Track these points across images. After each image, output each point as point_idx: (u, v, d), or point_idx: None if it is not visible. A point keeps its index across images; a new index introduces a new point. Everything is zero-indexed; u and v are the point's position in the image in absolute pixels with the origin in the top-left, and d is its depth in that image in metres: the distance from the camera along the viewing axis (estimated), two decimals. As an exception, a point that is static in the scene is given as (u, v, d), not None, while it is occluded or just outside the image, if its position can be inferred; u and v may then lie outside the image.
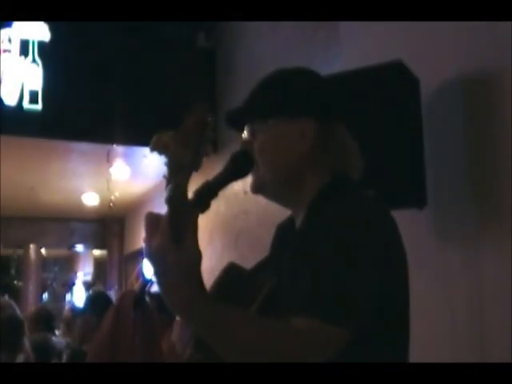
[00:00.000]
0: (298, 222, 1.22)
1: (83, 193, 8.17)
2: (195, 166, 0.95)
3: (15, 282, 11.24)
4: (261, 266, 1.31)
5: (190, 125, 0.95)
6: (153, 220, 0.95)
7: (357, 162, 1.24)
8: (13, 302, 4.69)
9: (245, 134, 1.24)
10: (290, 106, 1.20)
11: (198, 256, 0.94)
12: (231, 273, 1.24)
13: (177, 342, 3.30)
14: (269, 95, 1.22)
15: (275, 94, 1.21)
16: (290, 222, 1.28)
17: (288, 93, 1.21)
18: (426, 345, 2.27)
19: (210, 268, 0.96)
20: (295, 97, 1.21)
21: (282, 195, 1.23)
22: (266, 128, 1.20)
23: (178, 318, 4.00)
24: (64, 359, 3.72)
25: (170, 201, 0.93)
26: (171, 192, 0.93)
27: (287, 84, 1.23)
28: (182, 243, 0.91)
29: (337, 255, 1.02)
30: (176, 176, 0.93)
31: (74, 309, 5.92)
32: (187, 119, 0.96)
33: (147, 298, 3.42)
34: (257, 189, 1.22)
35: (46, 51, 4.94)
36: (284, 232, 1.31)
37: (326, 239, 1.05)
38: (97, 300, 3.68)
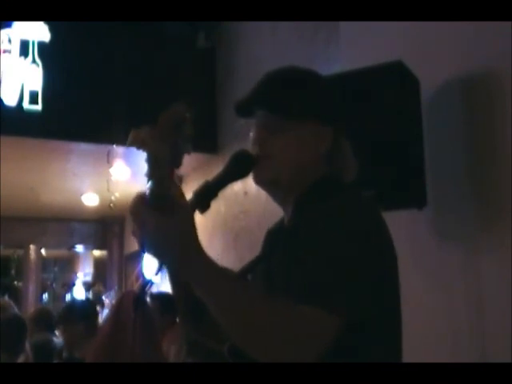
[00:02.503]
0: (287, 218, 1.23)
1: (83, 193, 8.16)
2: (175, 161, 0.96)
3: (15, 282, 11.23)
4: (250, 267, 1.32)
5: (166, 119, 0.96)
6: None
7: (351, 163, 1.26)
8: (12, 303, 4.70)
9: (258, 130, 1.23)
10: (314, 108, 1.21)
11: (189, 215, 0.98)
12: None
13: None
14: (294, 96, 1.22)
15: (301, 95, 1.22)
16: (280, 224, 1.29)
17: (312, 96, 1.23)
18: (426, 345, 2.27)
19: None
20: (318, 100, 1.23)
21: (287, 192, 1.23)
22: (288, 128, 1.19)
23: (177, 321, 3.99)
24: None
25: (152, 195, 0.94)
26: (153, 186, 0.94)
27: (312, 86, 1.24)
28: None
29: (327, 247, 1.04)
30: (156, 171, 0.94)
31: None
32: (162, 114, 0.96)
33: (147, 299, 3.42)
34: (266, 181, 1.21)
35: (45, 52, 4.94)
36: (274, 235, 1.32)
37: (315, 231, 1.07)
38: (82, 307, 3.64)
